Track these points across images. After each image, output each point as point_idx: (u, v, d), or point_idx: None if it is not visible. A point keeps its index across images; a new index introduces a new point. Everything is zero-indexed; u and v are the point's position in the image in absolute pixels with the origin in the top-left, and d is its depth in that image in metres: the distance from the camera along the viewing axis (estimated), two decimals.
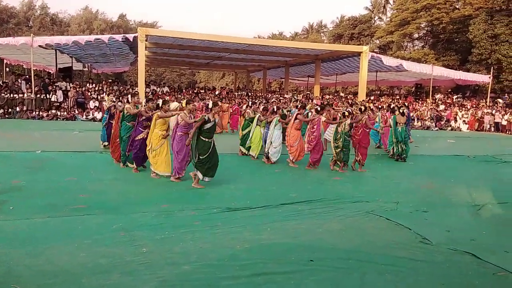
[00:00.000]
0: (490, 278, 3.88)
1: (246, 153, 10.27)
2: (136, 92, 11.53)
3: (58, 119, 19.25)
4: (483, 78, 27.44)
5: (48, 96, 20.21)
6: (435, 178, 8.84)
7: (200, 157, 6.96)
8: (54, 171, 7.87)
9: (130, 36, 19.56)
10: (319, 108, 9.86)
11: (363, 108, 10.15)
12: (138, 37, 18.48)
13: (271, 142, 9.52)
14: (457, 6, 34.27)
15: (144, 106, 8.75)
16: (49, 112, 19.46)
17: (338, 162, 9.26)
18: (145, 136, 7.85)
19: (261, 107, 11.02)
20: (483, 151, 13.46)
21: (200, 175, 7.00)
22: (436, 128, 23.94)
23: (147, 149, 7.59)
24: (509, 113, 23.90)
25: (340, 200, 6.59)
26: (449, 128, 24.43)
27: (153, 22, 59.35)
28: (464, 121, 24.76)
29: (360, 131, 9.63)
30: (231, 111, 16.22)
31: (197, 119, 7.09)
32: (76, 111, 20.14)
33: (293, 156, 9.44)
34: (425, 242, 4.76)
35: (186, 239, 4.53)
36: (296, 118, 9.50)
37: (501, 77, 29.15)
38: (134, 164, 8.09)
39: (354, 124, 9.42)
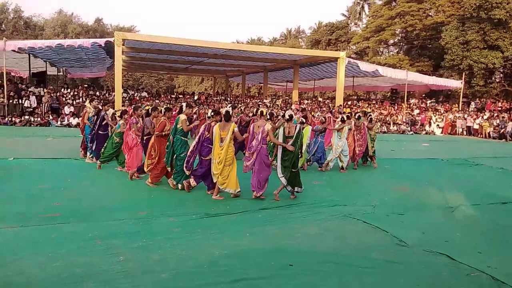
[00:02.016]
0: (464, 278, 3.97)
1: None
2: (189, 102, 10.07)
3: (32, 125, 18.77)
4: (456, 83, 28.29)
5: (21, 102, 19.70)
6: (411, 181, 9.02)
7: (293, 170, 6.75)
8: (27, 178, 7.65)
9: (103, 41, 19.21)
10: (361, 115, 10.86)
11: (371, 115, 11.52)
12: (115, 42, 18.20)
13: (341, 151, 9.85)
14: (430, 13, 35.31)
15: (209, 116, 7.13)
16: (22, 118, 18.95)
17: (373, 159, 10.77)
18: None
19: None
20: (456, 155, 13.87)
21: (299, 189, 6.85)
22: (411, 132, 24.50)
23: (218, 166, 6.64)
24: (480, 117, 24.70)
25: (318, 204, 6.64)
26: (424, 132, 25.05)
27: (131, 26, 58.55)
28: (437, 125, 25.43)
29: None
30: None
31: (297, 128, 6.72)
32: (51, 117, 19.68)
33: (348, 163, 10.10)
34: (401, 244, 4.85)
35: (164, 246, 4.47)
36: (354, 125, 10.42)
37: (473, 82, 30.07)
38: (204, 183, 7.03)
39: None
